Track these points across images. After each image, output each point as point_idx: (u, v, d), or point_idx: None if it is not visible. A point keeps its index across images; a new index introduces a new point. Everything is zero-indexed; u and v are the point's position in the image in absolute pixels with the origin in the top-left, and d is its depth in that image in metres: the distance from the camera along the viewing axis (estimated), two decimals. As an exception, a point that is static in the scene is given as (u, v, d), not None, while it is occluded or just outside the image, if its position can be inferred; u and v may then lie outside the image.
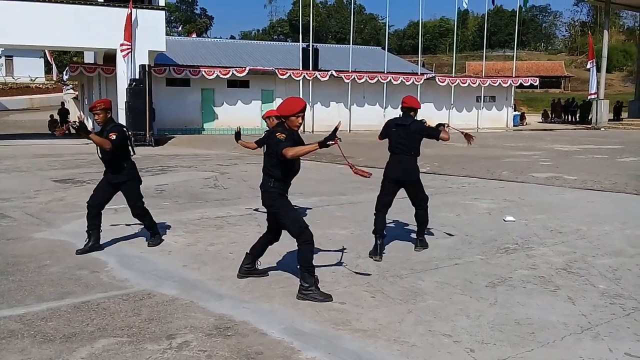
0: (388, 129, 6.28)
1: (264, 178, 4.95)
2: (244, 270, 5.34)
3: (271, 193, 4.90)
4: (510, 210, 8.68)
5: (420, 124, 6.18)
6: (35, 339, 3.96)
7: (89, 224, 6.29)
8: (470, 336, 4.07)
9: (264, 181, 4.96)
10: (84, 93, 31.49)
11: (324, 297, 4.73)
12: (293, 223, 4.86)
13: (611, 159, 16.45)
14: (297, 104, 4.93)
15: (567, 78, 65.20)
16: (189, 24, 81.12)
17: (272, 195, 4.90)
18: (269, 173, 4.91)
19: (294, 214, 4.95)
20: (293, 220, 4.88)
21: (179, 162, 15.97)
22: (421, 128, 6.16)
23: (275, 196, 4.90)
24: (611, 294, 4.97)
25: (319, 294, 4.74)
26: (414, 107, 6.25)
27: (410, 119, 6.22)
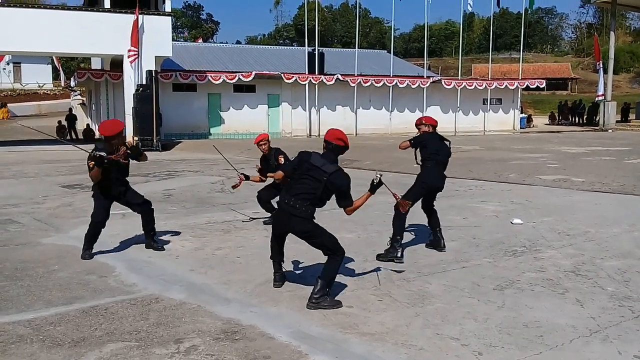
0: (425, 142, 6.44)
1: (294, 201, 4.73)
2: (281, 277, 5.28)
3: (306, 219, 4.74)
4: (517, 213, 8.65)
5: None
6: (44, 344, 3.98)
7: (92, 242, 6.26)
8: (478, 339, 4.05)
9: (293, 205, 4.73)
10: (92, 99, 31.68)
11: (334, 305, 4.70)
12: (329, 238, 4.80)
13: (619, 161, 16.36)
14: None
15: (573, 80, 64.92)
16: (195, 30, 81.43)
17: (307, 220, 4.75)
18: (305, 197, 4.72)
19: (325, 230, 4.87)
20: (329, 236, 4.82)
21: (186, 166, 16.02)
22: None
23: (309, 221, 4.77)
24: (620, 297, 4.94)
25: (329, 302, 4.70)
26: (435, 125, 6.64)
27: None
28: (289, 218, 4.77)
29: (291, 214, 4.74)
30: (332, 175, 4.72)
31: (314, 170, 4.76)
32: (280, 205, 4.88)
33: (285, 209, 4.80)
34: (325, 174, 4.71)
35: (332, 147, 4.87)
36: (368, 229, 7.47)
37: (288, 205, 4.76)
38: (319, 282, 4.71)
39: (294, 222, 4.76)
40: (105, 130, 6.20)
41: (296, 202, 4.72)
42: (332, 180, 4.72)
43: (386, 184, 5.02)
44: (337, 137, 4.89)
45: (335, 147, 4.87)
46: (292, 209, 4.73)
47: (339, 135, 4.92)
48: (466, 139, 26.72)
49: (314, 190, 4.71)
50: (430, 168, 6.45)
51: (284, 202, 4.82)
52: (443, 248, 6.55)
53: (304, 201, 4.71)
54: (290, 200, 4.76)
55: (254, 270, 5.78)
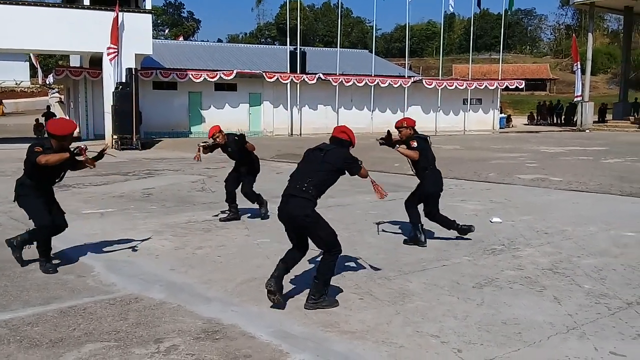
0: (425, 145, 6.62)
1: (293, 183, 4.69)
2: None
3: (306, 200, 4.62)
4: (496, 212, 8.74)
5: None
6: (22, 344, 3.93)
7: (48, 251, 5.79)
8: (457, 337, 4.09)
9: (292, 186, 4.67)
10: (70, 97, 31.25)
11: (332, 303, 4.66)
12: (329, 233, 4.68)
13: (596, 161, 16.61)
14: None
15: (552, 81, 65.79)
16: (176, 27, 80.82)
17: (307, 201, 4.62)
18: (304, 178, 4.65)
19: (327, 223, 4.75)
20: (330, 231, 4.70)
21: (166, 165, 15.90)
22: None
23: (310, 202, 4.65)
24: (596, 294, 5.02)
25: (328, 301, 4.65)
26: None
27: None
28: (286, 203, 4.67)
29: (290, 194, 4.65)
30: (330, 151, 4.76)
31: (313, 153, 4.82)
32: (283, 192, 4.77)
33: (285, 194, 4.72)
34: (322, 152, 4.75)
35: (334, 139, 4.93)
36: (350, 228, 7.49)
37: (288, 188, 4.72)
38: (315, 282, 4.63)
39: (291, 205, 4.61)
40: (58, 129, 5.64)
41: (296, 183, 4.68)
42: (330, 155, 4.73)
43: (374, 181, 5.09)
44: (341, 131, 4.96)
45: (338, 140, 4.90)
46: (292, 190, 4.65)
47: (343, 128, 4.99)
48: (446, 138, 26.91)
49: (313, 170, 4.68)
50: (430, 175, 6.68)
51: (287, 187, 4.75)
52: (424, 243, 6.65)
53: (303, 182, 4.64)
54: (291, 184, 4.73)
55: (235, 269, 5.76)
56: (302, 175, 4.71)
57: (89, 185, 11.75)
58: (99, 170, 14.45)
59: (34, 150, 5.48)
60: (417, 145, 6.48)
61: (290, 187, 4.72)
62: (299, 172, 4.77)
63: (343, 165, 4.79)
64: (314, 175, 4.66)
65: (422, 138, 6.64)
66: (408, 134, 6.57)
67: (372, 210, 8.92)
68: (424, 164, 6.58)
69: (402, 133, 6.62)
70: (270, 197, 10.14)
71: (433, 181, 6.68)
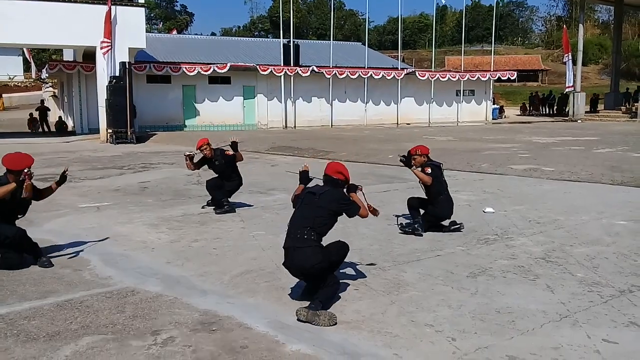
0: (438, 172, 6.91)
1: (294, 231, 4.47)
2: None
3: (311, 247, 4.39)
4: (489, 202, 8.80)
5: None
6: (19, 338, 3.95)
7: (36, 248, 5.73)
8: (451, 326, 4.14)
9: (301, 236, 4.42)
10: (64, 91, 31.09)
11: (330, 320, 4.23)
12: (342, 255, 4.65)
13: (588, 151, 16.70)
14: None
15: (544, 71, 65.83)
16: (169, 21, 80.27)
17: (312, 249, 4.39)
18: (304, 224, 4.45)
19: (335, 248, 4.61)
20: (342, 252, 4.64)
21: (161, 159, 15.87)
22: None
23: (317, 249, 4.42)
24: (589, 282, 5.08)
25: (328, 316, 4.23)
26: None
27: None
28: (292, 256, 4.44)
29: (294, 247, 4.44)
30: (323, 194, 4.57)
31: (308, 196, 4.63)
32: (285, 244, 4.56)
33: (289, 245, 4.50)
34: (315, 196, 4.57)
35: (329, 179, 4.75)
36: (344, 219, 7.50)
37: (290, 238, 4.50)
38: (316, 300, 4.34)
39: (300, 259, 4.39)
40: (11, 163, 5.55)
41: (295, 232, 4.47)
42: (324, 198, 4.55)
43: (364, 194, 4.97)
44: (337, 171, 4.76)
45: (334, 180, 4.73)
46: (294, 242, 4.45)
47: (338, 168, 4.79)
48: (440, 129, 26.96)
49: (310, 216, 4.49)
50: (444, 201, 6.89)
51: (288, 238, 4.53)
52: (420, 233, 6.80)
53: (303, 230, 4.44)
54: (289, 235, 4.51)
55: (230, 261, 5.79)
56: (299, 222, 4.51)
57: (84, 179, 11.74)
58: (94, 165, 14.45)
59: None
60: (431, 172, 6.78)
61: (291, 237, 4.50)
62: (296, 218, 4.57)
63: (338, 208, 4.64)
64: (311, 221, 4.48)
65: (436, 165, 6.93)
66: (422, 161, 6.89)
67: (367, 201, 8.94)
68: (438, 189, 6.85)
69: (416, 160, 6.90)
70: (265, 189, 10.18)
71: (447, 207, 6.93)
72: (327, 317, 4.18)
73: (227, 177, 8.32)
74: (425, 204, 7.00)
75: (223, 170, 8.31)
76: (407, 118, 31.54)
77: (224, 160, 8.24)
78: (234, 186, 8.38)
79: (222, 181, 8.31)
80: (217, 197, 8.28)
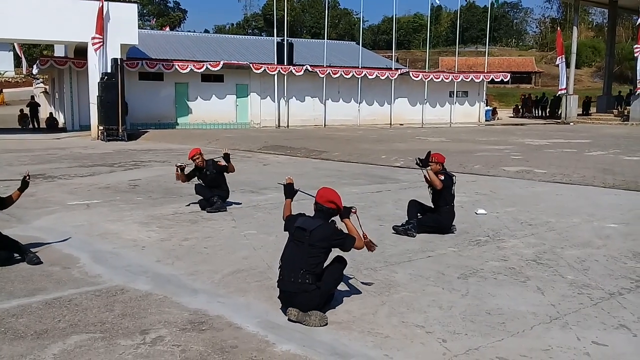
0: (450, 182, 6.92)
1: (288, 274, 4.25)
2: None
3: (309, 292, 4.21)
4: (481, 204, 8.82)
5: None
6: (6, 336, 3.90)
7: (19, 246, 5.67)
8: (442, 327, 4.14)
9: (295, 280, 4.21)
10: (55, 87, 30.90)
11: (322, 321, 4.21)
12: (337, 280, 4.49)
13: (580, 153, 16.77)
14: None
15: (537, 74, 66.15)
16: (162, 18, 80.00)
17: (310, 293, 4.22)
18: (299, 267, 4.22)
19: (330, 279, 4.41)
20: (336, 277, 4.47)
21: (153, 156, 15.80)
22: None
23: (314, 293, 4.23)
24: (579, 284, 5.10)
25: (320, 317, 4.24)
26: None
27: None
28: (291, 301, 4.25)
29: (291, 292, 4.25)
30: (314, 231, 4.30)
31: (298, 232, 4.34)
32: (280, 286, 4.36)
33: (284, 291, 4.32)
34: (306, 233, 4.29)
35: (322, 209, 4.50)
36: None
37: (284, 285, 4.30)
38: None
39: (298, 303, 4.20)
40: None
41: (290, 276, 4.25)
42: (315, 236, 4.28)
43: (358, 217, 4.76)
44: (328, 200, 4.50)
45: (326, 210, 4.50)
46: (290, 286, 4.25)
47: (330, 197, 4.53)
48: (433, 130, 27.02)
49: (301, 255, 4.25)
50: (448, 212, 6.90)
51: (280, 280, 4.34)
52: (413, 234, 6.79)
53: (297, 274, 4.22)
54: (284, 276, 4.29)
55: (221, 260, 5.76)
56: (292, 264, 4.27)
57: (74, 177, 11.66)
58: (84, 162, 14.36)
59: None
60: (443, 180, 6.80)
61: (285, 281, 4.28)
62: (288, 258, 4.33)
63: (331, 245, 4.39)
64: (304, 263, 4.24)
65: (449, 175, 6.95)
66: (437, 169, 6.89)
67: (358, 202, 8.94)
68: (448, 198, 6.89)
69: (432, 168, 6.88)
70: (257, 188, 10.15)
71: (449, 218, 6.94)
72: (317, 317, 4.14)
73: (216, 186, 8.37)
74: (426, 210, 7.01)
75: (213, 179, 8.35)
76: (401, 119, 31.59)
77: (215, 171, 8.34)
78: (223, 195, 8.41)
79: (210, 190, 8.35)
80: (207, 196, 8.26)
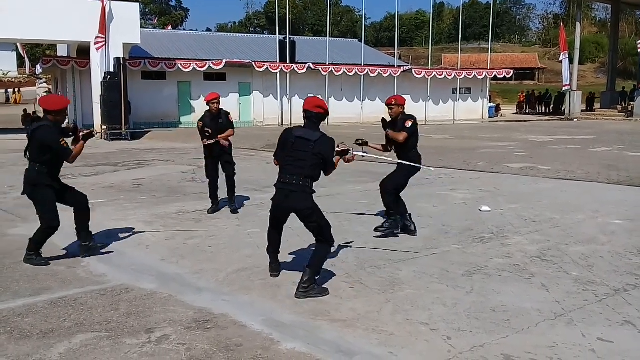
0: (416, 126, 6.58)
1: (290, 178, 4.71)
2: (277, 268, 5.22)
3: (306, 193, 4.73)
4: (485, 200, 8.80)
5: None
6: (12, 335, 3.92)
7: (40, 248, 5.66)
8: (447, 324, 4.13)
9: (289, 182, 4.70)
10: (58, 87, 30.94)
11: (322, 292, 4.70)
12: (327, 223, 4.83)
13: (584, 149, 16.74)
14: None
15: (540, 70, 65.98)
16: (164, 17, 80.00)
17: (307, 195, 4.73)
18: (300, 172, 4.69)
19: (324, 215, 4.87)
20: (327, 221, 4.84)
21: (156, 156, 15.83)
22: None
23: (309, 196, 4.76)
24: (584, 281, 5.09)
25: (318, 290, 4.71)
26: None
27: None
28: (287, 196, 4.73)
29: (290, 190, 4.71)
30: (318, 142, 4.72)
31: (300, 142, 4.74)
32: (277, 187, 4.81)
33: (282, 188, 4.75)
34: (310, 143, 4.71)
35: (311, 115, 4.85)
36: (340, 217, 7.51)
37: (285, 183, 4.73)
38: (307, 270, 4.68)
39: (293, 199, 4.71)
40: (53, 104, 5.55)
41: (292, 178, 4.69)
42: (319, 147, 4.72)
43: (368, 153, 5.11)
44: (316, 105, 4.87)
45: (316, 115, 4.86)
46: (290, 186, 4.71)
47: (317, 102, 4.92)
48: (436, 128, 26.99)
49: (305, 162, 4.69)
50: (416, 153, 6.62)
51: (280, 182, 4.77)
52: (414, 232, 6.68)
53: (299, 176, 4.68)
54: (286, 179, 4.72)
55: (225, 259, 5.77)
56: (294, 169, 4.71)
57: (78, 176, 11.68)
58: (88, 161, 14.39)
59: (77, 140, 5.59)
60: (410, 126, 6.45)
61: (285, 181, 4.74)
62: (290, 163, 4.75)
63: (328, 156, 4.82)
64: (307, 168, 4.70)
65: (414, 118, 6.62)
66: (399, 111, 6.58)
67: (362, 199, 8.95)
68: (414, 143, 6.59)
69: (393, 111, 6.58)
70: (260, 187, 10.15)
71: (419, 159, 6.64)
72: (318, 290, 4.67)
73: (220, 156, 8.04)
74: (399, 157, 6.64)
75: (223, 129, 7.96)
76: (404, 116, 31.50)
77: (225, 123, 8.01)
78: (231, 171, 8.12)
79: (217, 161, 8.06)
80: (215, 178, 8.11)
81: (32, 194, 5.55)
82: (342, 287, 4.90)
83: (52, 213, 5.55)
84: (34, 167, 5.51)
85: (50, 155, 5.45)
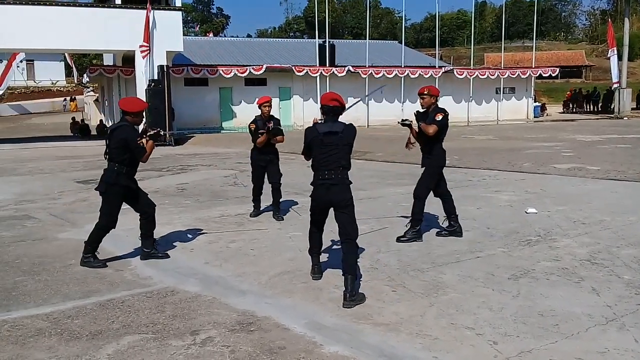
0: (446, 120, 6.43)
1: (328, 173, 4.80)
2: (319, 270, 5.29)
3: (347, 186, 4.84)
4: (531, 202, 8.59)
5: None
6: (62, 337, 4.03)
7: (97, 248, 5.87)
8: (493, 329, 4.04)
9: (328, 177, 4.80)
10: (104, 95, 31.86)
11: (363, 298, 4.64)
12: (355, 220, 4.89)
13: (635, 149, 16.17)
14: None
15: (588, 67, 64.13)
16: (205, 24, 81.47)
17: (346, 187, 4.84)
18: (343, 165, 4.82)
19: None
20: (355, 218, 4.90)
21: (199, 161, 16.08)
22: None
23: (348, 187, 4.85)
24: (636, 285, 4.90)
25: (360, 296, 4.65)
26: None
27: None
28: (328, 189, 4.81)
29: (331, 184, 4.79)
30: (344, 131, 4.82)
31: (328, 136, 4.81)
32: (316, 183, 4.89)
33: (322, 184, 4.83)
34: (338, 133, 4.81)
35: (328, 109, 4.91)
36: (382, 221, 7.47)
37: (324, 179, 4.81)
38: (349, 278, 4.59)
39: (334, 192, 4.80)
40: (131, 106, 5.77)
41: (330, 173, 4.78)
42: (347, 136, 4.82)
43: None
44: (331, 99, 4.94)
45: (332, 108, 4.91)
46: (329, 180, 4.79)
47: (332, 96, 4.99)
48: (479, 128, 26.55)
49: (338, 154, 4.79)
50: (442, 148, 6.50)
51: (318, 179, 4.86)
52: (460, 234, 6.58)
53: (336, 169, 4.78)
54: (324, 175, 4.81)
55: (267, 262, 5.80)
56: (330, 162, 4.79)
57: (124, 182, 11.96)
58: (133, 167, 14.74)
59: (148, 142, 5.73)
60: (441, 119, 6.29)
61: (325, 176, 4.81)
62: (325, 160, 4.82)
63: (352, 142, 4.91)
64: (341, 160, 4.81)
65: (445, 111, 6.41)
66: (430, 102, 6.40)
67: (404, 202, 8.86)
68: (442, 137, 6.45)
69: (425, 101, 6.40)
70: (301, 190, 10.18)
71: (443, 154, 6.57)
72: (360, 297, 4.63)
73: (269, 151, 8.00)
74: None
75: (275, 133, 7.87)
76: (445, 117, 31.13)
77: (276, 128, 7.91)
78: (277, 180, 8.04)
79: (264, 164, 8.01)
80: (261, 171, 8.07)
81: (105, 192, 5.79)
82: (384, 291, 4.86)
83: (114, 216, 5.79)
84: (113, 167, 5.74)
85: (129, 155, 5.67)
